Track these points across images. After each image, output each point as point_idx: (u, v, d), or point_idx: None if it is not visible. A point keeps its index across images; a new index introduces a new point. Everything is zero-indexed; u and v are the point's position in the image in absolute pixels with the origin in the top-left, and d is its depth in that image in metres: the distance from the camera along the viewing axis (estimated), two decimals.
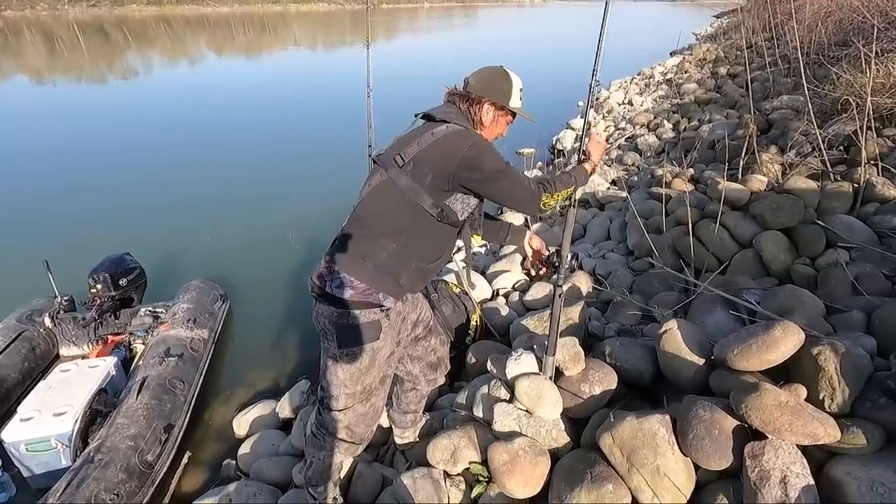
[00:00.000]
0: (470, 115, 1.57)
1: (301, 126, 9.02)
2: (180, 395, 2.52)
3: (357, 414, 1.60)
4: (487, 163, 1.45)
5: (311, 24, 33.46)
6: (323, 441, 1.65)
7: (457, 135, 1.47)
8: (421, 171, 1.44)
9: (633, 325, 2.31)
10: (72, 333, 3.00)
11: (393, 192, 1.47)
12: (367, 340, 1.49)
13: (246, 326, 3.52)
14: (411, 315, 1.67)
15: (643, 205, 3.37)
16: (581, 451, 1.61)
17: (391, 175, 1.47)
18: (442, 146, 1.45)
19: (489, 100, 1.57)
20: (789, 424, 1.29)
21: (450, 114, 1.54)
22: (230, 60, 20.09)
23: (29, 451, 2.18)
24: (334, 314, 1.47)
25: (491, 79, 1.58)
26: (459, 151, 1.43)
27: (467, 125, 1.54)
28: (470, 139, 1.46)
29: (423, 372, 1.82)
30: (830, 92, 3.62)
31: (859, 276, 2.06)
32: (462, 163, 1.42)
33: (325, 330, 1.52)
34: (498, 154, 1.50)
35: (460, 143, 1.45)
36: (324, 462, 1.69)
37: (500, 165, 1.47)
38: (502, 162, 1.49)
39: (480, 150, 1.45)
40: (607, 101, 8.72)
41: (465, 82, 1.60)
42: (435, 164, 1.43)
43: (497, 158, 1.48)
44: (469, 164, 1.43)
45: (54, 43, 24.37)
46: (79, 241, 4.47)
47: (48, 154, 7.37)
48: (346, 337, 1.48)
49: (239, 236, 4.74)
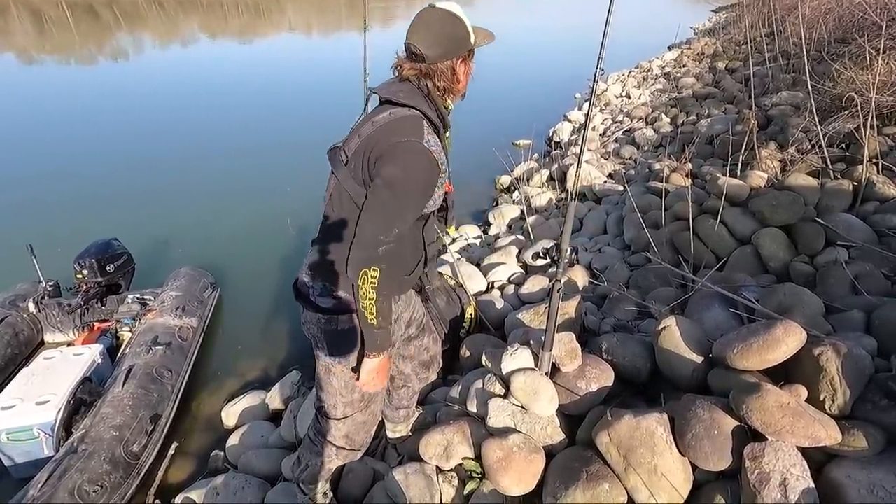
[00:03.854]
0: (434, 88, 1.29)
1: (295, 112, 8.87)
2: (168, 384, 2.47)
3: (357, 423, 1.56)
4: (391, 169, 1.19)
5: (306, 8, 32.96)
6: (321, 448, 1.60)
7: (391, 125, 1.24)
8: (358, 171, 1.26)
9: (630, 320, 2.28)
10: (57, 320, 2.93)
11: (343, 199, 1.30)
12: (359, 346, 1.40)
13: (236, 315, 3.46)
14: (404, 314, 1.58)
15: (641, 199, 3.34)
16: (576, 449, 1.59)
17: (339, 177, 1.30)
18: (375, 136, 1.24)
19: (458, 57, 1.29)
20: (790, 426, 1.26)
21: (398, 93, 1.28)
22: (223, 44, 19.73)
23: (10, 440, 2.13)
24: (322, 320, 1.38)
25: (446, 35, 1.25)
26: (381, 146, 1.22)
27: (420, 104, 1.27)
28: (401, 135, 1.21)
29: (415, 370, 1.77)
30: (831, 89, 3.59)
31: (859, 275, 2.05)
32: (379, 157, 1.21)
33: (315, 337, 1.44)
34: (419, 171, 1.21)
35: (389, 135, 1.22)
36: (320, 468, 1.65)
37: (399, 180, 1.19)
38: (409, 183, 1.20)
39: (401, 152, 1.20)
40: (605, 93, 8.65)
41: (414, 53, 1.25)
42: (365, 160, 1.24)
43: (408, 172, 1.20)
44: (380, 161, 1.21)
45: (42, 21, 23.80)
46: (65, 226, 4.37)
47: (34, 137, 7.20)
48: (337, 344, 1.41)
49: (230, 223, 4.65)
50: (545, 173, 5.10)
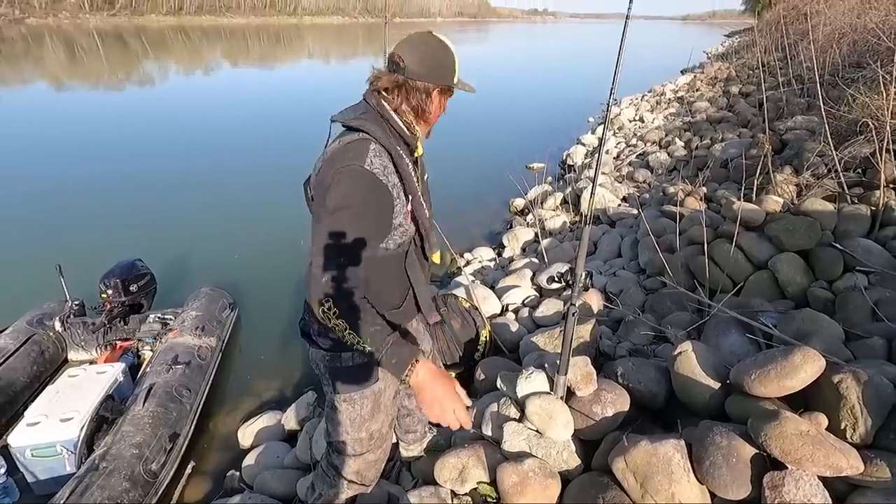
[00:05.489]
0: (407, 104, 1.26)
1: (315, 136, 9.07)
2: (186, 403, 2.50)
3: (368, 461, 1.53)
4: (331, 197, 1.14)
5: (325, 37, 33.99)
6: (333, 480, 1.58)
7: (336, 153, 1.19)
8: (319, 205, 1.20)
9: (646, 345, 2.27)
10: (81, 338, 3.00)
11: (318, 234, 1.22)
12: (366, 384, 1.37)
13: (254, 335, 3.52)
14: None
15: (655, 223, 3.34)
16: (592, 475, 1.58)
17: (311, 210, 1.27)
18: (323, 170, 1.21)
19: (437, 85, 1.26)
20: (811, 455, 1.25)
21: (351, 118, 1.23)
22: (245, 70, 20.41)
23: (34, 456, 2.17)
24: (326, 357, 1.36)
25: (433, 57, 1.24)
26: (326, 176, 1.18)
27: (370, 126, 1.20)
28: (341, 162, 1.16)
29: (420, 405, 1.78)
30: (846, 113, 3.59)
31: (879, 301, 2.02)
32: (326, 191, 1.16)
33: (321, 374, 1.42)
34: (357, 196, 1.14)
35: (332, 164, 1.18)
36: (332, 499, 1.63)
37: (339, 207, 1.13)
38: (350, 209, 1.13)
39: (339, 178, 1.15)
40: (618, 117, 8.73)
41: (396, 63, 1.23)
42: (319, 194, 1.20)
43: (346, 198, 1.13)
44: (328, 192, 1.15)
45: (74, 50, 24.91)
46: (91, 245, 4.51)
47: (64, 158, 7.49)
48: (342, 382, 1.37)
49: (249, 244, 4.75)
50: (559, 196, 5.13)
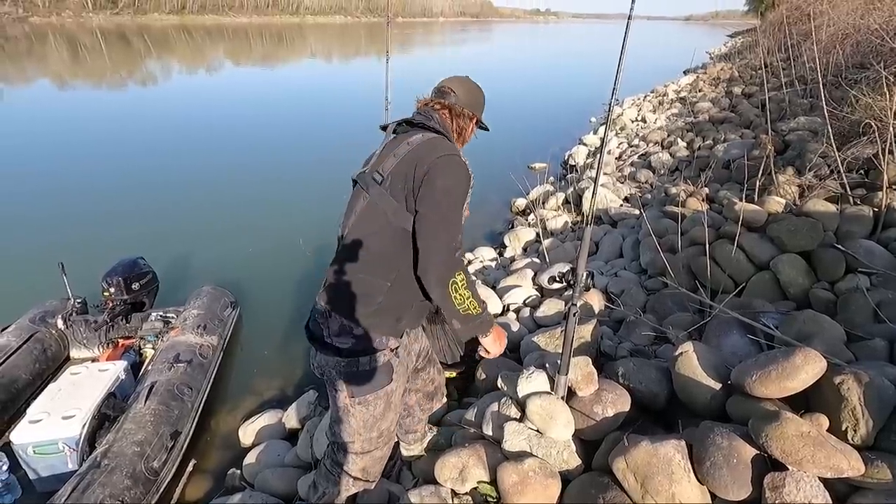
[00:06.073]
0: (454, 128, 1.48)
1: (317, 135, 9.11)
2: (188, 401, 2.51)
3: (374, 458, 1.56)
4: (444, 181, 1.28)
5: (327, 36, 34.02)
6: (337, 478, 1.60)
7: (430, 143, 1.36)
8: (397, 188, 1.32)
9: (647, 345, 2.27)
10: (83, 336, 3.01)
11: (377, 219, 1.34)
12: (380, 386, 1.41)
13: (255, 334, 3.52)
14: (414, 346, 1.59)
15: (657, 223, 3.34)
16: (593, 475, 1.58)
17: (372, 195, 1.35)
18: (417, 153, 1.33)
19: (475, 116, 1.52)
20: (811, 456, 1.25)
21: (430, 120, 1.43)
22: (247, 69, 20.43)
23: (36, 453, 2.17)
24: (341, 364, 1.39)
25: (475, 94, 1.52)
26: (428, 159, 1.30)
27: (448, 134, 1.44)
28: (442, 150, 1.32)
29: (419, 402, 1.79)
30: (849, 114, 3.58)
31: (881, 302, 2.02)
32: (426, 172, 1.28)
33: (331, 380, 1.44)
34: (464, 181, 1.33)
35: (431, 151, 1.32)
36: (336, 496, 1.65)
37: (452, 190, 1.29)
38: (459, 193, 1.31)
39: (450, 164, 1.31)
40: (620, 117, 8.72)
41: (446, 93, 1.48)
42: (408, 176, 1.31)
43: (458, 182, 1.31)
44: (429, 176, 1.28)
45: (77, 49, 24.96)
46: (93, 243, 4.52)
47: (67, 157, 7.51)
48: (359, 386, 1.40)
49: (251, 242, 4.76)
50: (561, 196, 5.13)
